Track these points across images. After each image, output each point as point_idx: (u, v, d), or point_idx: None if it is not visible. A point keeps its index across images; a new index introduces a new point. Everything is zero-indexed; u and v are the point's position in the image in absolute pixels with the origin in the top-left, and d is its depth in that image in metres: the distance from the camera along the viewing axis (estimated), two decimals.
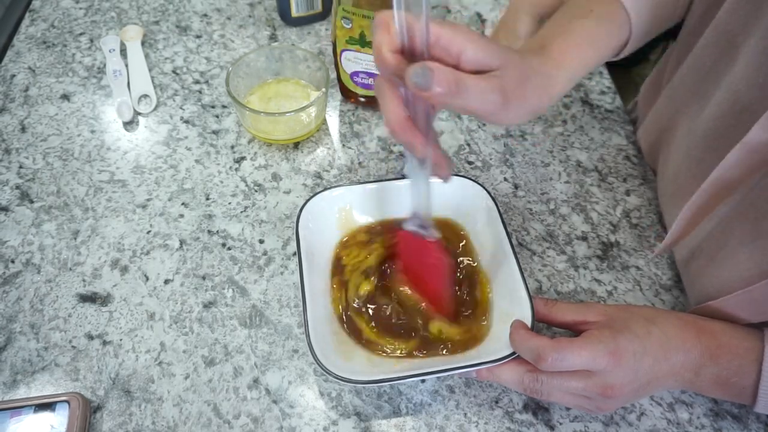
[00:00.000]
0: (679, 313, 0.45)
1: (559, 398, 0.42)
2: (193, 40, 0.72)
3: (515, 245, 0.53)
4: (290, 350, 0.49)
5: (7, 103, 0.65)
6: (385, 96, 0.36)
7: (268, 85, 0.65)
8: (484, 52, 0.35)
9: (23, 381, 0.46)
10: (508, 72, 0.36)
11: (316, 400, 0.46)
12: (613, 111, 0.68)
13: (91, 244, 0.54)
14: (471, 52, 0.35)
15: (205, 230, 0.56)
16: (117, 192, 0.58)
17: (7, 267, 0.52)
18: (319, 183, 0.60)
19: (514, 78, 0.37)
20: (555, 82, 0.42)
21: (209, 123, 0.64)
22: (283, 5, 0.72)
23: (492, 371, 0.43)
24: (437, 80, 0.32)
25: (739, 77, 0.43)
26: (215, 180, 0.59)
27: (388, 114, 0.36)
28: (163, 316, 0.50)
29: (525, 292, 0.45)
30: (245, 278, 0.53)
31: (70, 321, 0.50)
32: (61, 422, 0.42)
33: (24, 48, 0.70)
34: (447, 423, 0.45)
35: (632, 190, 0.60)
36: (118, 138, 0.62)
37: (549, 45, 0.43)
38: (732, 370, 0.41)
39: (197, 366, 0.48)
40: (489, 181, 0.60)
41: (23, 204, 0.57)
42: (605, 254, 0.56)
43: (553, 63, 0.42)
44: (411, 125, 0.36)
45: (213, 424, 0.45)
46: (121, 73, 0.67)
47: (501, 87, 0.35)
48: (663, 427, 0.46)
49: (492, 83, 0.35)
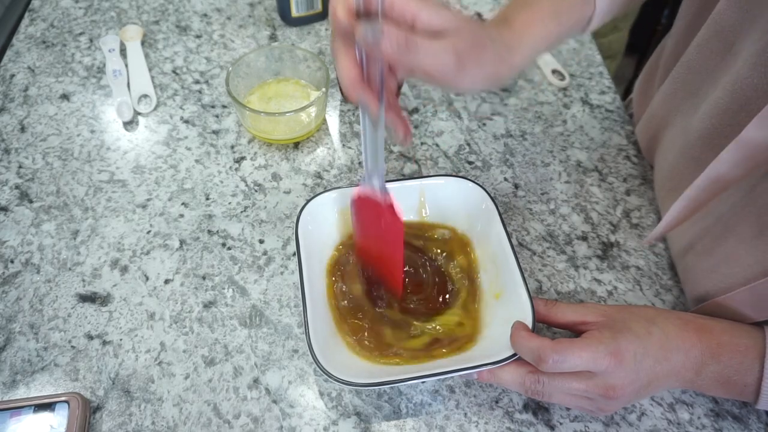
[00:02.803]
0: (680, 313, 0.45)
1: (560, 399, 0.42)
2: (193, 40, 0.72)
3: (515, 245, 0.53)
4: (290, 350, 0.49)
5: (6, 103, 0.65)
6: (338, 56, 0.37)
7: (268, 85, 0.65)
8: (438, 16, 0.36)
9: (23, 381, 0.46)
10: (461, 35, 0.37)
11: (316, 400, 0.46)
12: (613, 111, 0.67)
13: (90, 244, 0.54)
14: (425, 16, 0.36)
15: (205, 230, 0.56)
16: (117, 192, 0.58)
17: (6, 267, 0.52)
18: (319, 183, 0.60)
19: (469, 42, 0.37)
20: (515, 52, 0.42)
21: (209, 123, 0.64)
22: (283, 5, 0.72)
23: (493, 373, 0.43)
24: (387, 36, 0.34)
25: (736, 76, 0.43)
26: (215, 180, 0.59)
27: (341, 72, 0.37)
28: (163, 316, 0.50)
29: (525, 292, 0.45)
30: (245, 278, 0.52)
31: (69, 321, 0.50)
32: (60, 422, 0.42)
33: (23, 48, 0.70)
34: (447, 423, 0.45)
35: (632, 190, 0.60)
36: (118, 138, 0.62)
37: (511, 17, 0.44)
38: (733, 368, 0.41)
39: (197, 366, 0.48)
40: (489, 181, 0.60)
41: (23, 204, 0.57)
42: (605, 254, 0.56)
43: (513, 34, 0.43)
44: (363, 83, 0.37)
45: (213, 424, 0.45)
46: (120, 73, 0.67)
47: (454, 48, 0.36)
48: (663, 427, 0.46)
49: (444, 44, 0.36)
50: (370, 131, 0.41)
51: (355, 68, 0.37)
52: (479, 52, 0.39)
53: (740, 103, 0.43)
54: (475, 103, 0.67)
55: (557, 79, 0.70)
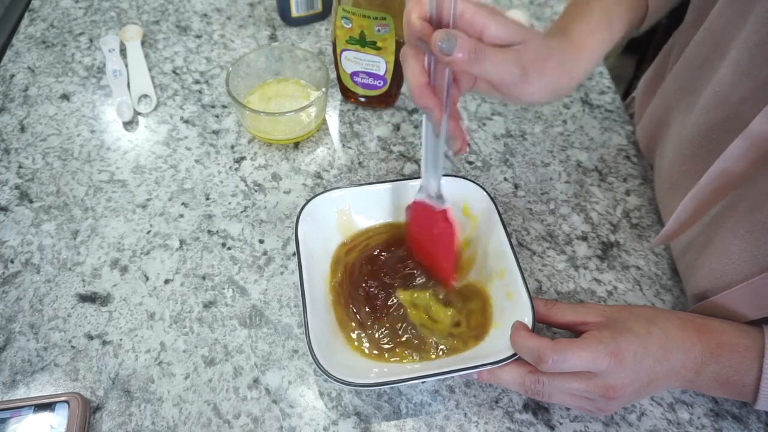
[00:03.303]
0: (679, 313, 0.45)
1: (560, 399, 0.42)
2: (193, 40, 0.72)
3: (515, 245, 0.53)
4: (290, 350, 0.49)
5: (6, 103, 0.65)
6: (408, 61, 0.38)
7: (268, 85, 0.65)
8: (506, 29, 0.37)
9: (23, 381, 0.46)
10: (527, 47, 0.38)
11: (316, 400, 0.46)
12: (613, 111, 0.67)
13: (90, 244, 0.54)
14: (494, 28, 0.37)
15: (205, 230, 0.56)
16: (117, 192, 0.58)
17: (6, 267, 0.52)
18: (319, 183, 0.60)
19: (533, 53, 0.39)
20: (576, 64, 0.44)
21: (209, 123, 0.64)
22: (283, 5, 0.72)
23: (493, 373, 0.43)
24: (460, 46, 0.35)
25: (729, 72, 0.43)
26: (215, 180, 0.59)
27: (410, 78, 0.38)
28: (163, 316, 0.50)
29: (525, 292, 0.45)
30: (245, 278, 0.52)
31: (69, 321, 0.50)
32: (60, 422, 0.42)
33: (23, 48, 0.70)
34: (447, 423, 0.45)
35: (632, 190, 0.60)
36: (117, 138, 0.62)
37: (569, 28, 0.45)
38: (732, 368, 0.42)
39: (197, 366, 0.48)
40: (489, 181, 0.60)
41: (23, 204, 0.57)
42: (605, 254, 0.56)
43: (573, 46, 0.44)
44: (430, 90, 0.38)
45: (213, 424, 0.45)
46: (120, 73, 0.67)
47: (519, 60, 0.38)
48: (663, 427, 0.46)
49: (511, 55, 0.37)
50: (431, 138, 0.42)
51: (424, 75, 0.38)
52: (543, 63, 0.40)
53: (739, 95, 0.43)
54: (475, 103, 0.67)
55: None
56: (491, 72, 0.37)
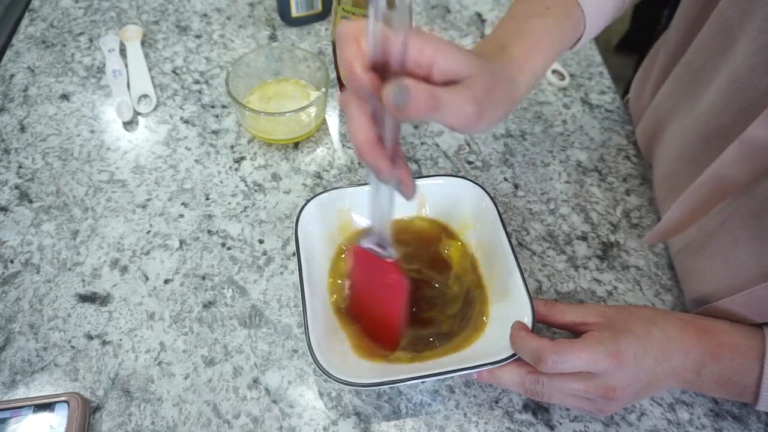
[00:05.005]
0: (680, 313, 0.45)
1: (560, 400, 0.42)
2: (193, 40, 0.72)
3: (515, 245, 0.53)
4: (290, 350, 0.49)
5: (6, 103, 0.65)
6: (353, 114, 0.34)
7: (268, 85, 0.65)
8: (453, 61, 0.34)
9: (22, 381, 0.46)
10: (478, 81, 0.35)
11: (316, 400, 0.46)
12: (613, 111, 0.67)
13: (90, 244, 0.54)
14: (442, 62, 0.34)
15: (204, 230, 0.56)
16: (117, 192, 0.58)
17: (6, 267, 0.52)
18: (319, 183, 0.59)
19: (484, 87, 0.36)
20: (518, 87, 0.42)
21: (209, 123, 0.64)
22: (283, 5, 0.72)
23: (492, 373, 0.43)
24: (414, 98, 0.31)
25: (735, 75, 0.43)
26: (215, 180, 0.59)
27: (357, 133, 0.34)
28: (163, 316, 0.50)
29: (525, 292, 0.45)
30: (245, 278, 0.52)
31: (69, 321, 0.50)
32: (60, 422, 0.42)
33: (23, 48, 0.70)
34: (447, 423, 0.45)
35: (632, 190, 0.60)
36: (117, 138, 0.62)
37: (509, 46, 0.43)
38: (733, 369, 0.41)
39: (197, 366, 0.48)
40: (489, 181, 0.60)
41: (22, 204, 0.57)
42: (605, 254, 0.56)
43: (515, 67, 0.42)
44: (380, 147, 0.34)
45: (213, 424, 0.45)
46: (120, 73, 0.66)
47: (474, 98, 0.35)
48: (663, 427, 0.46)
49: (466, 95, 0.34)
50: (378, 191, 0.39)
51: (372, 129, 0.34)
52: (493, 95, 0.37)
53: (739, 103, 0.43)
54: None
55: (557, 79, 0.70)
56: (449, 118, 0.34)
